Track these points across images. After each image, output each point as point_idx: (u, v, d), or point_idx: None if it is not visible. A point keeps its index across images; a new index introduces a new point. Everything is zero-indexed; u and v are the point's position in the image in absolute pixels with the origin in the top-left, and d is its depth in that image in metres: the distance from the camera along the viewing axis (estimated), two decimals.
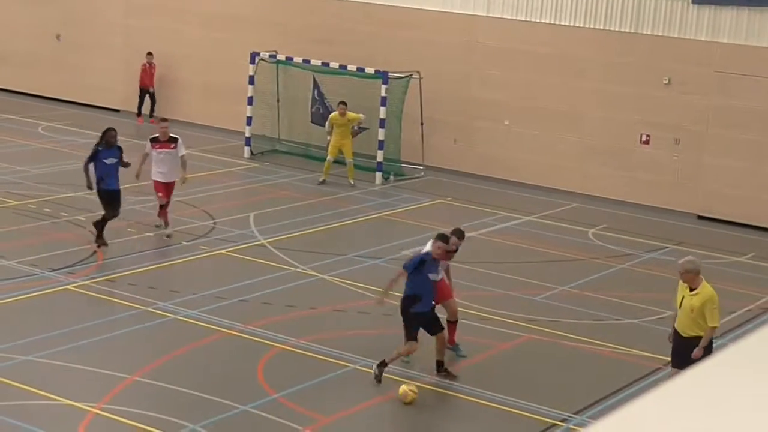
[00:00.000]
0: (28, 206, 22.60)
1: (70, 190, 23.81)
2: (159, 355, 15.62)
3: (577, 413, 14.64)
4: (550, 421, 14.42)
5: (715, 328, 13.94)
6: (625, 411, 3.85)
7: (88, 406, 13.72)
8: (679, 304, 14.14)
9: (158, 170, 21.04)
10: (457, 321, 16.33)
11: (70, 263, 19.17)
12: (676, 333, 14.22)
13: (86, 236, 20.63)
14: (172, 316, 17.04)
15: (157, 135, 21.34)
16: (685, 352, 13.76)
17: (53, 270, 18.74)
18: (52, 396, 13.94)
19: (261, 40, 30.17)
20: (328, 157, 26.65)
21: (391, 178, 27.83)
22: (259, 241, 21.43)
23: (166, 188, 21.19)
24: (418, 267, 15.04)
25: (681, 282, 14.15)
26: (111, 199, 20.09)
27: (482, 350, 16.72)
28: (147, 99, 32.88)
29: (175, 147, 21.23)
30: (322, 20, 30.32)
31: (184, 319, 16.96)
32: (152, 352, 15.74)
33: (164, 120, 22.42)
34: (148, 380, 14.67)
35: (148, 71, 32.67)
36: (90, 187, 20.11)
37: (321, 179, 26.68)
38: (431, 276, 15.20)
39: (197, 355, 15.80)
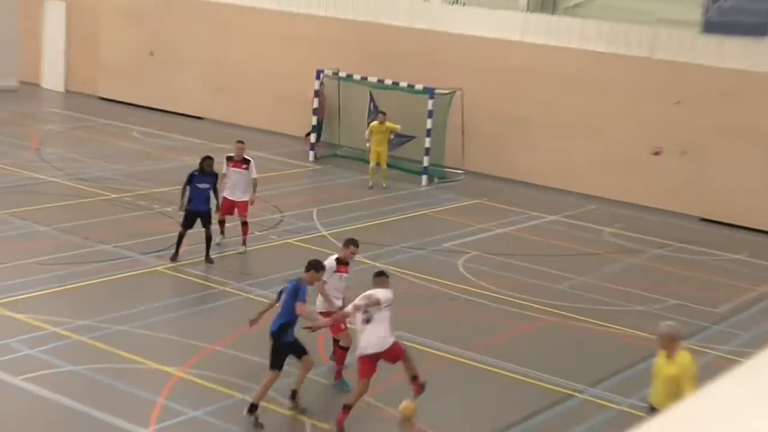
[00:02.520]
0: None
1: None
2: (234, 328, 15.87)
3: (592, 386, 14.79)
4: (567, 391, 14.57)
5: None
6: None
7: (173, 369, 14.05)
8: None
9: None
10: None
11: (160, 248, 19.52)
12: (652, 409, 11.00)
13: (173, 225, 20.96)
14: (245, 294, 17.33)
15: None
16: None
17: (145, 253, 19.10)
18: (142, 360, 14.28)
19: (326, 58, 30.39)
20: (371, 164, 26.64)
21: (435, 180, 27.97)
22: (321, 232, 21.68)
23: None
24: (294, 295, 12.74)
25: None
26: None
27: (504, 331, 16.89)
28: None
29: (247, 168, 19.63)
30: (378, 43, 30.46)
31: (256, 297, 17.25)
32: (228, 326, 15.99)
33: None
34: (225, 349, 14.94)
35: None
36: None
37: (369, 185, 26.45)
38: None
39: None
